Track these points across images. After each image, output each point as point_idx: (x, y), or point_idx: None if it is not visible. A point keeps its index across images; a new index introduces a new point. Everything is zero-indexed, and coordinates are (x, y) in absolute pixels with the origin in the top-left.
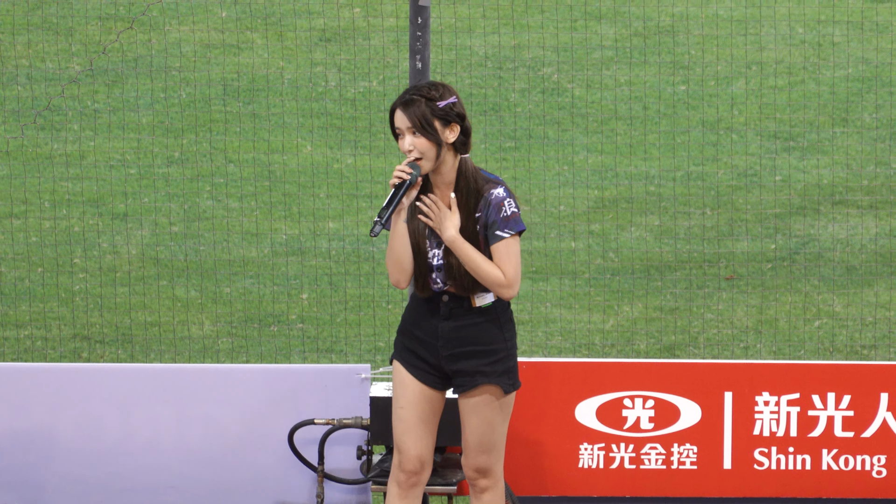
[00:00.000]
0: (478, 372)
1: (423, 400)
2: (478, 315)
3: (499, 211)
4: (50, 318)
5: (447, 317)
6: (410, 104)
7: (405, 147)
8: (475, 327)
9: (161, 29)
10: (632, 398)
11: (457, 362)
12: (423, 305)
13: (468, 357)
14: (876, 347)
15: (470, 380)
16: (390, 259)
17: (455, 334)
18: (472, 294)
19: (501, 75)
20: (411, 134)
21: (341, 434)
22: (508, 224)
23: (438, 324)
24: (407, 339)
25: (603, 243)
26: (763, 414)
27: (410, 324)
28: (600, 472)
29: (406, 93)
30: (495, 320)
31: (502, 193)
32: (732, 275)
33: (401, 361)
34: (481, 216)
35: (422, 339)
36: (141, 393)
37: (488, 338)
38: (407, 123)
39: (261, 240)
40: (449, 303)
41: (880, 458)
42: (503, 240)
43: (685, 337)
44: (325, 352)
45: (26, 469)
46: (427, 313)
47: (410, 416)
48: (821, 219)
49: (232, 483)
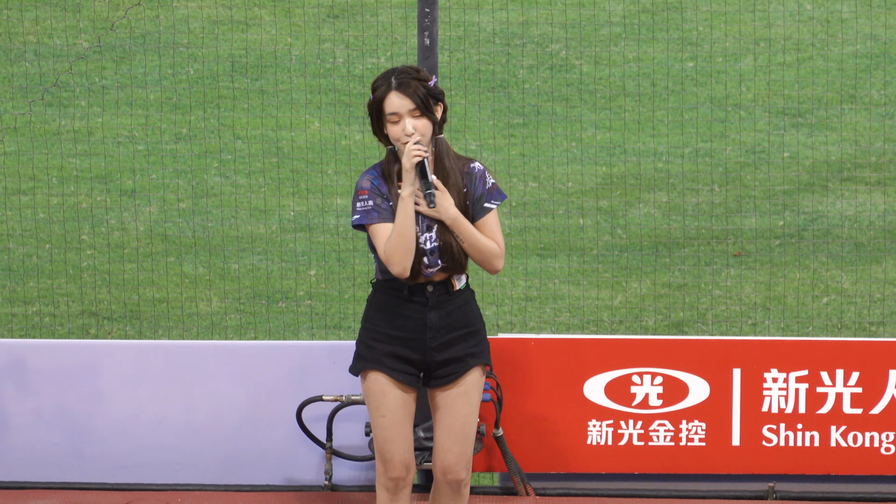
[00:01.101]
0: (468, 355)
1: (403, 405)
2: (458, 298)
3: (484, 183)
4: (58, 294)
5: (434, 306)
6: (407, 86)
7: (407, 130)
8: (459, 311)
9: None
10: (640, 375)
11: (445, 350)
12: (402, 303)
13: (457, 342)
14: (884, 324)
15: (462, 365)
16: (400, 245)
17: (443, 322)
18: (454, 277)
19: (509, 52)
20: (412, 116)
21: (349, 411)
22: (493, 195)
23: (425, 315)
24: (383, 345)
25: (611, 220)
26: (771, 391)
27: (386, 328)
28: (609, 449)
29: (390, 76)
30: (471, 300)
31: (480, 166)
32: (740, 251)
33: (382, 369)
34: (468, 191)
35: (405, 339)
36: (149, 369)
37: (471, 319)
38: (409, 106)
39: (269, 216)
40: (434, 291)
41: (889, 435)
42: (491, 211)
43: (693, 313)
44: (334, 328)
45: (35, 445)
46: (409, 310)
47: (393, 424)
48: (829, 195)
49: (240, 459)
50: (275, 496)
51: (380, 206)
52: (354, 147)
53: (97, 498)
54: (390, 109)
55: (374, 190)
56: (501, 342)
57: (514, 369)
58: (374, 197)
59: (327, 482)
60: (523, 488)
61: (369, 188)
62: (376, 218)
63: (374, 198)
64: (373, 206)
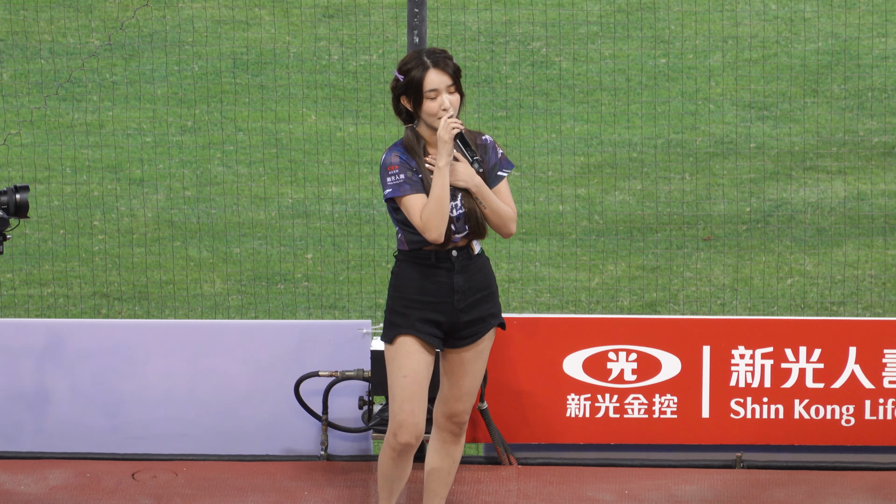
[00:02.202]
0: (489, 315)
1: (426, 367)
2: (478, 261)
3: (496, 153)
4: (71, 276)
5: (460, 270)
6: (444, 63)
7: (443, 105)
8: (480, 273)
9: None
10: (616, 352)
11: (471, 311)
12: (431, 269)
13: (480, 303)
14: (844, 304)
15: (484, 325)
16: (437, 212)
17: (468, 284)
18: (474, 241)
19: (493, 49)
20: (449, 92)
21: (344, 385)
22: (504, 164)
23: (452, 279)
24: (416, 311)
25: (589, 206)
26: (739, 366)
27: (416, 294)
28: (586, 421)
29: (421, 55)
30: (488, 263)
31: (490, 138)
32: (710, 236)
33: (416, 334)
34: (485, 161)
35: (435, 303)
36: (156, 347)
37: (489, 280)
38: (448, 82)
39: (268, 203)
40: (459, 256)
41: (848, 408)
42: (503, 178)
43: (666, 294)
44: (329, 308)
45: (50, 417)
46: (437, 275)
47: (413, 384)
48: (793, 183)
49: (241, 432)
50: (274, 466)
51: (411, 179)
52: (348, 139)
53: (107, 467)
54: (430, 87)
55: (404, 165)
56: None
57: (497, 347)
58: (405, 171)
59: (323, 452)
60: (507, 458)
61: (399, 163)
62: (409, 190)
63: (405, 171)
64: (404, 179)
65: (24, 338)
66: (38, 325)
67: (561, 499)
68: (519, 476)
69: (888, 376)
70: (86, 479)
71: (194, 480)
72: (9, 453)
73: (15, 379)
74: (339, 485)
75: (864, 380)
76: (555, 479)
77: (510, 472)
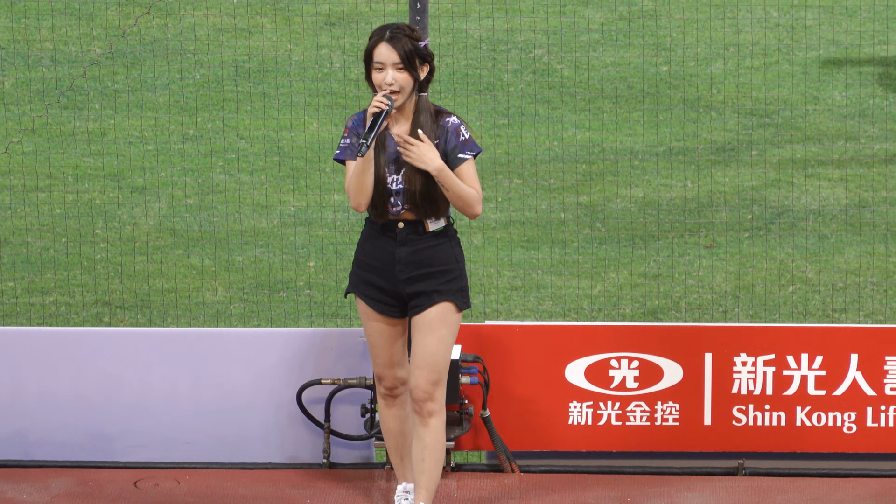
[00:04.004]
0: (435, 291)
1: (386, 328)
2: (432, 238)
3: (457, 136)
4: (73, 285)
5: (403, 242)
6: (397, 40)
7: (387, 80)
8: (430, 250)
9: (176, 14)
10: (618, 359)
11: (414, 284)
12: (378, 236)
13: (425, 278)
14: (846, 311)
15: (427, 299)
16: (356, 184)
17: (412, 258)
18: (426, 219)
19: (495, 57)
20: (395, 69)
21: (346, 393)
22: (468, 146)
23: (395, 250)
24: (363, 272)
25: (590, 214)
26: (741, 374)
27: (365, 256)
28: (589, 429)
29: (386, 29)
30: (447, 243)
31: (456, 121)
32: (712, 243)
33: (359, 295)
34: (440, 143)
35: (378, 268)
36: (158, 355)
37: (442, 259)
38: (394, 59)
39: (270, 211)
40: (405, 229)
41: (850, 415)
42: (466, 161)
43: (668, 301)
44: (331, 316)
45: (52, 425)
46: (382, 243)
47: (374, 346)
48: (794, 191)
49: (244, 440)
50: (276, 474)
51: (353, 145)
52: None
53: (110, 476)
54: (377, 59)
55: (354, 130)
56: (488, 329)
57: (500, 354)
58: (352, 136)
59: (325, 460)
60: (509, 466)
61: (350, 127)
62: (349, 155)
63: (352, 137)
64: (349, 144)
65: (26, 346)
66: (40, 333)
67: None
68: (521, 483)
69: (890, 383)
70: (88, 487)
71: (196, 488)
72: (11, 462)
73: (17, 387)
74: (341, 493)
75: (866, 387)
76: (557, 487)
77: (512, 480)
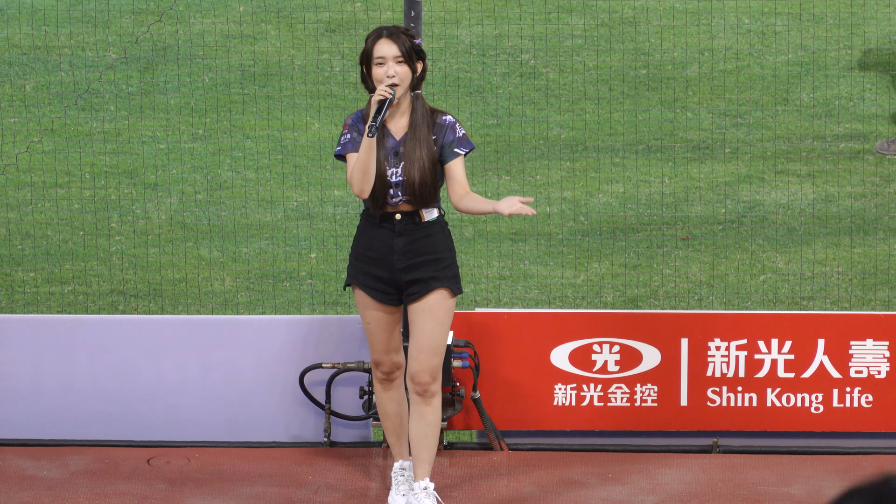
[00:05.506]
0: (431, 278)
1: (384, 316)
2: (427, 228)
3: (454, 132)
4: (90, 275)
5: (401, 232)
6: (396, 36)
7: (388, 73)
8: (425, 239)
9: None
10: (600, 344)
11: (411, 272)
12: (375, 229)
13: (421, 266)
14: (813, 299)
15: (424, 286)
16: (358, 171)
17: (409, 247)
18: (421, 209)
19: (485, 61)
20: (396, 62)
21: (345, 376)
22: (463, 143)
23: (393, 240)
24: (361, 263)
25: (574, 208)
26: (715, 358)
27: (363, 248)
28: (572, 409)
29: (383, 28)
30: (440, 232)
31: (452, 119)
32: (688, 235)
33: (358, 285)
34: (437, 138)
35: (377, 259)
36: (170, 341)
37: (437, 247)
38: (395, 53)
39: (275, 206)
40: (402, 220)
41: (817, 396)
42: (460, 156)
43: (646, 290)
44: (332, 304)
45: (70, 408)
46: (380, 234)
47: (371, 333)
48: (765, 186)
49: (249, 420)
50: (280, 452)
51: (354, 139)
52: None
53: (124, 454)
54: (378, 54)
55: (353, 126)
56: (478, 316)
57: (489, 340)
58: (352, 131)
59: (326, 439)
60: (498, 444)
61: (350, 124)
62: (350, 149)
63: (352, 132)
64: (349, 139)
65: (46, 333)
66: (59, 320)
67: (549, 482)
68: (509, 461)
69: (854, 366)
70: (104, 464)
71: (206, 465)
72: (32, 440)
73: (38, 371)
74: (341, 469)
75: (832, 370)
76: (543, 464)
77: (501, 457)
